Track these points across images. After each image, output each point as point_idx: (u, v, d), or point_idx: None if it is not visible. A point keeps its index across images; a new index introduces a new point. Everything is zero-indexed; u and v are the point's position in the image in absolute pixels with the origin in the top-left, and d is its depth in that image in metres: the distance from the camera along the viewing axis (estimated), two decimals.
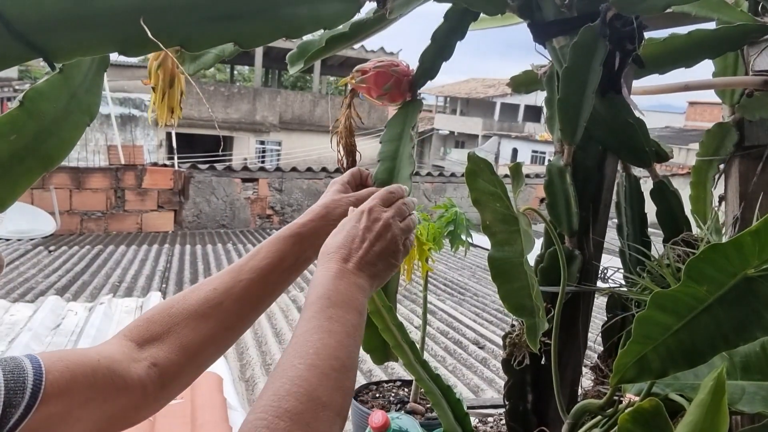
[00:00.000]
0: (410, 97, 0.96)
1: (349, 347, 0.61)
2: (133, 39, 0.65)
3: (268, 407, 0.51)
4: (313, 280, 0.67)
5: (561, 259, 0.86)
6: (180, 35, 0.67)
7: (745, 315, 0.60)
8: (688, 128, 18.72)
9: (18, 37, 0.60)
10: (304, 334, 0.60)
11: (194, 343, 0.70)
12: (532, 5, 0.92)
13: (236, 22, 0.71)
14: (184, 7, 0.67)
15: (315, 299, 0.63)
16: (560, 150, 0.97)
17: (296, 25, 0.75)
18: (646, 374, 0.66)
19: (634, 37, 0.90)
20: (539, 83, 1.05)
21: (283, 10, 0.73)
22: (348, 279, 0.66)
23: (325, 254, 0.69)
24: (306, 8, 0.75)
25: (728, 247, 0.57)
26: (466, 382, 3.55)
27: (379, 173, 0.90)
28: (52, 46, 0.63)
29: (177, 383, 0.71)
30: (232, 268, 0.76)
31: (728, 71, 1.19)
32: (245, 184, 9.16)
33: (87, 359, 0.62)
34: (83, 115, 0.81)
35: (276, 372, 0.56)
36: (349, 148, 0.96)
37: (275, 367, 0.58)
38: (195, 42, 0.69)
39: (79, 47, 0.65)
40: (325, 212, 0.79)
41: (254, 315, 0.77)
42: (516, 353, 1.03)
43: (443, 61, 0.96)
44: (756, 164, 1.14)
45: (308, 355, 0.57)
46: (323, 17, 0.77)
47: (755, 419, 0.82)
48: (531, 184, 10.21)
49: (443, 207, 1.75)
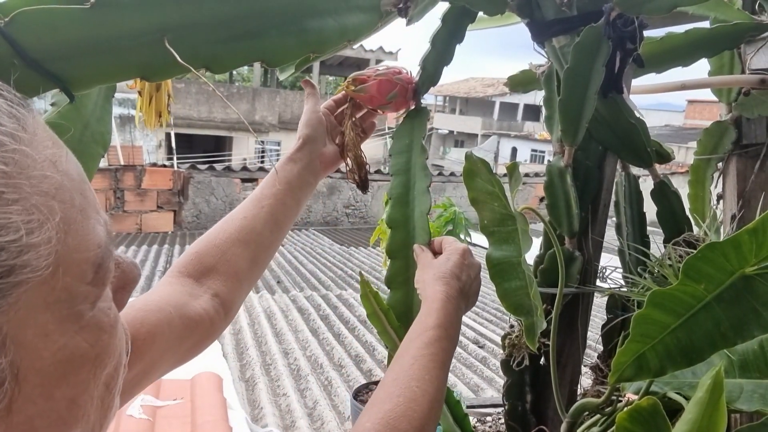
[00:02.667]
0: (414, 105, 0.95)
1: (446, 381, 0.66)
2: (157, 62, 0.62)
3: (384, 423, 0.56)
4: (433, 296, 0.73)
5: (560, 260, 0.87)
6: (205, 55, 0.64)
7: (743, 313, 0.60)
8: (687, 126, 18.73)
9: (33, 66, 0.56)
10: (422, 358, 0.64)
11: (243, 268, 0.76)
12: (532, 4, 0.92)
13: (262, 40, 0.68)
14: (208, 25, 0.64)
15: (436, 324, 0.68)
16: (560, 151, 0.97)
17: (324, 38, 0.73)
18: (645, 373, 0.66)
19: (635, 37, 0.90)
20: (537, 83, 1.05)
21: (309, 24, 0.71)
22: (457, 305, 0.74)
23: (441, 277, 0.75)
24: (332, 20, 0.74)
25: (726, 245, 0.57)
26: (466, 381, 3.55)
27: (394, 188, 0.89)
28: (71, 74, 0.59)
29: (236, 306, 0.76)
30: (253, 197, 0.82)
31: (724, 70, 1.19)
32: (245, 184, 9.16)
33: (163, 316, 0.64)
34: (97, 146, 0.79)
35: (394, 382, 0.61)
36: (359, 160, 0.93)
37: (393, 370, 0.62)
38: (221, 62, 0.66)
39: (99, 74, 0.61)
40: (307, 132, 0.87)
41: (282, 233, 0.84)
42: (515, 354, 1.03)
43: (445, 65, 0.95)
44: (754, 162, 1.15)
45: (424, 381, 0.61)
46: (349, 29, 0.76)
47: (753, 417, 0.82)
48: (530, 183, 10.21)
49: (442, 206, 1.75)
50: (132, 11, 0.59)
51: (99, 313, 0.35)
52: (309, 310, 4.83)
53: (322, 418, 2.99)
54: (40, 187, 0.31)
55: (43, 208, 0.31)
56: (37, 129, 0.33)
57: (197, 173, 8.86)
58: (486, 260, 0.87)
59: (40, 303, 0.31)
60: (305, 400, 3.25)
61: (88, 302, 0.34)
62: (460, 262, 0.79)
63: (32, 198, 0.30)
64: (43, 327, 0.31)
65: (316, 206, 9.73)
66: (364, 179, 0.94)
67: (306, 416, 3.01)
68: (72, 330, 0.33)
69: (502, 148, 25.99)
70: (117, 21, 0.59)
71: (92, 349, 0.35)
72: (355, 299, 5.15)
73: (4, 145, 0.30)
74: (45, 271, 0.31)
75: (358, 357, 3.87)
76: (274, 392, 3.34)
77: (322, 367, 3.69)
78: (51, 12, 0.56)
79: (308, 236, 8.79)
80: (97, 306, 0.35)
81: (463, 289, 0.77)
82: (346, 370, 3.66)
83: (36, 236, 0.30)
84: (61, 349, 0.32)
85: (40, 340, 0.31)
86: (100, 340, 0.35)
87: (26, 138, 0.32)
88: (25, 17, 0.55)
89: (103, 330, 0.35)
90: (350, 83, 0.91)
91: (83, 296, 0.34)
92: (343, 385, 3.40)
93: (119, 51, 0.60)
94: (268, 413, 3.00)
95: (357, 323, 4.55)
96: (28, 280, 0.30)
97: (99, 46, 0.59)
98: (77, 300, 0.33)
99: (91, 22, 0.57)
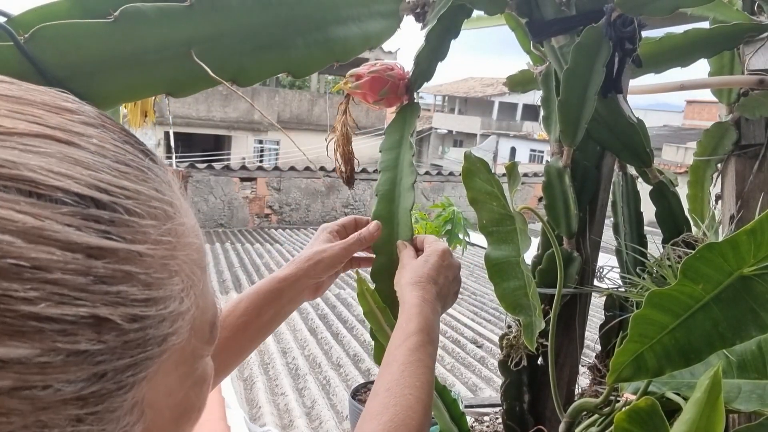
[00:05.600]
0: (408, 101, 0.94)
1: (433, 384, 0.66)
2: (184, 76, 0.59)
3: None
4: (411, 301, 0.71)
5: (558, 260, 0.87)
6: (232, 68, 0.62)
7: (741, 314, 0.60)
8: (686, 127, 18.73)
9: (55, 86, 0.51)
10: (411, 365, 0.64)
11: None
12: (531, 3, 0.91)
13: (289, 50, 0.67)
14: (235, 36, 0.62)
15: (417, 330, 0.67)
16: (558, 151, 0.97)
17: (348, 46, 0.73)
18: (643, 373, 0.66)
19: (634, 37, 0.90)
20: (536, 83, 1.05)
21: (334, 32, 0.70)
22: (434, 308, 0.72)
23: (417, 282, 0.73)
24: (356, 27, 0.73)
25: (724, 245, 0.57)
26: (464, 381, 3.55)
27: (380, 184, 0.88)
28: (96, 92, 0.56)
29: None
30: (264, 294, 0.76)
31: (725, 70, 1.19)
32: (243, 183, 9.16)
33: None
34: None
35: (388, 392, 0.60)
36: (347, 156, 0.93)
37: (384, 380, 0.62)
38: (248, 74, 0.64)
39: (125, 91, 0.59)
40: (307, 266, 0.77)
41: (237, 362, 0.77)
42: (513, 354, 1.03)
43: (439, 61, 0.95)
44: (752, 163, 1.15)
45: (416, 388, 0.61)
46: (372, 35, 0.75)
47: (751, 417, 0.82)
48: (529, 183, 10.21)
49: (441, 206, 1.75)
50: (157, 24, 0.57)
51: (206, 367, 0.36)
52: (307, 310, 4.83)
53: (320, 418, 2.99)
54: (190, 256, 0.31)
55: (191, 275, 0.31)
56: (177, 191, 0.33)
57: (196, 172, 8.86)
58: (485, 260, 0.86)
59: (172, 366, 0.31)
60: (303, 399, 3.25)
61: (202, 359, 0.35)
62: (438, 264, 0.76)
63: (185, 267, 0.31)
64: (169, 387, 0.32)
65: (315, 205, 9.73)
66: (350, 175, 0.94)
67: (304, 415, 3.01)
68: (187, 385, 0.34)
69: (501, 148, 25.99)
70: (142, 34, 0.56)
71: (198, 401, 0.36)
72: (353, 299, 5.15)
73: (170, 217, 0.30)
74: (185, 336, 0.31)
75: (356, 356, 3.87)
76: (273, 391, 3.34)
77: (321, 366, 3.69)
78: (74, 27, 0.53)
79: (307, 235, 8.79)
80: (204, 360, 0.36)
81: (440, 293, 0.75)
82: (344, 370, 3.66)
83: (185, 304, 0.30)
84: (178, 405, 0.33)
85: (164, 399, 0.32)
86: (203, 392, 0.36)
87: (179, 205, 0.32)
88: (47, 33, 0.52)
89: (206, 382, 0.36)
90: (348, 80, 0.91)
91: (200, 355, 0.35)
92: (341, 384, 3.40)
93: (145, 66, 0.58)
94: (267, 412, 3.00)
95: (355, 323, 4.55)
96: (174, 347, 0.30)
97: (124, 62, 0.56)
98: (197, 359, 0.34)
99: (116, 37, 0.55)
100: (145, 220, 0.29)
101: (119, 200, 0.28)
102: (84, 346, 0.25)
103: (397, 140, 0.91)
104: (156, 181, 0.31)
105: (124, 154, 0.30)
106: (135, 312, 0.27)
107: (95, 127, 0.30)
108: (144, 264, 0.28)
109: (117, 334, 0.26)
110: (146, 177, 0.30)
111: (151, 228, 0.29)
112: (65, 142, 0.28)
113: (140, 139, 0.34)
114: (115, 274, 0.26)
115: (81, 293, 0.25)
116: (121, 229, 0.27)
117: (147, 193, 0.30)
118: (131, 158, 0.31)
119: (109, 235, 0.27)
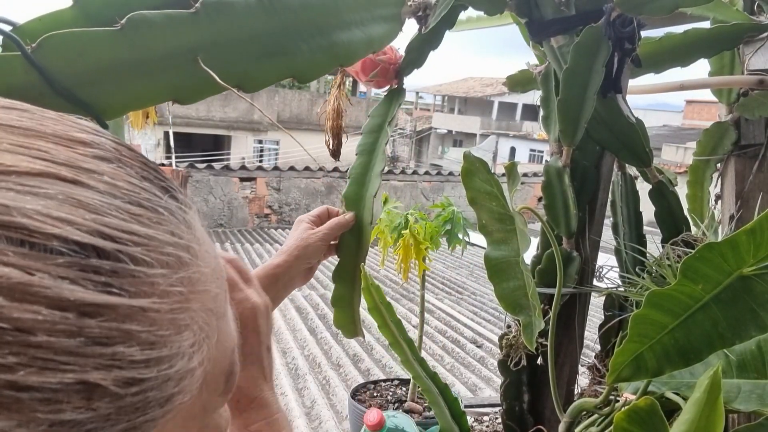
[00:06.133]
0: (396, 85, 0.96)
1: None
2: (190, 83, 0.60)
3: None
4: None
5: (558, 260, 0.87)
6: (237, 74, 0.62)
7: (740, 314, 0.60)
8: (685, 127, 18.75)
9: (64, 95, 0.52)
10: None
11: None
12: (530, 3, 0.91)
13: (294, 56, 0.67)
14: (240, 43, 0.62)
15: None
16: (558, 151, 0.97)
17: (352, 50, 0.73)
18: (642, 373, 0.66)
19: (633, 37, 0.90)
20: (535, 82, 1.05)
21: (338, 36, 0.71)
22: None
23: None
24: (359, 32, 0.73)
25: (724, 245, 0.57)
26: (464, 381, 3.55)
27: (354, 168, 0.91)
28: (103, 101, 0.56)
29: None
30: None
31: (725, 70, 1.19)
32: (243, 183, 9.16)
33: None
34: None
35: None
36: (336, 130, 0.97)
37: None
38: (253, 80, 0.64)
39: (132, 99, 0.58)
40: (297, 252, 0.81)
41: None
42: (512, 354, 1.03)
43: (431, 50, 0.95)
44: (752, 163, 1.15)
45: None
46: (375, 39, 0.76)
47: (751, 417, 0.82)
48: (529, 183, 10.21)
49: (440, 206, 1.75)
50: (163, 31, 0.57)
51: (219, 420, 0.34)
52: (307, 309, 4.83)
53: (320, 418, 2.99)
54: (205, 304, 0.28)
55: (205, 327, 0.28)
56: (198, 231, 0.30)
57: (196, 172, 8.86)
58: (484, 260, 0.87)
59: (179, 423, 0.28)
60: (303, 399, 3.25)
61: (215, 411, 0.33)
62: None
63: (198, 319, 0.27)
64: None
65: (315, 205, 9.72)
66: (336, 149, 0.99)
67: (304, 415, 3.01)
68: None
69: (500, 148, 25.99)
70: (148, 42, 0.56)
71: None
72: None
73: (184, 264, 0.27)
74: (195, 393, 0.28)
75: (356, 356, 3.87)
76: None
77: (320, 366, 3.69)
78: (80, 35, 0.53)
79: None
80: (217, 412, 0.33)
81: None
82: (344, 370, 3.66)
83: (195, 360, 0.27)
84: None
85: None
86: None
87: (197, 250, 0.29)
88: (54, 42, 0.52)
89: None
90: None
91: (213, 407, 0.32)
92: (341, 384, 3.40)
93: (152, 73, 0.57)
94: None
95: None
96: (180, 406, 0.27)
97: (131, 69, 0.56)
98: (208, 412, 0.32)
99: (123, 45, 0.55)
100: (154, 269, 0.25)
101: (126, 247, 0.25)
102: (69, 415, 0.22)
103: (378, 124, 0.93)
104: (173, 223, 0.28)
105: (138, 193, 0.27)
106: (132, 375, 0.24)
107: (110, 161, 0.27)
108: (147, 320, 0.24)
109: (110, 400, 0.23)
110: (161, 219, 0.27)
111: (160, 278, 0.26)
112: (71, 181, 0.25)
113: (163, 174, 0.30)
114: (111, 334, 0.23)
115: (69, 357, 0.22)
116: (123, 281, 0.24)
117: (160, 238, 0.26)
118: (147, 197, 0.27)
119: (108, 289, 0.24)
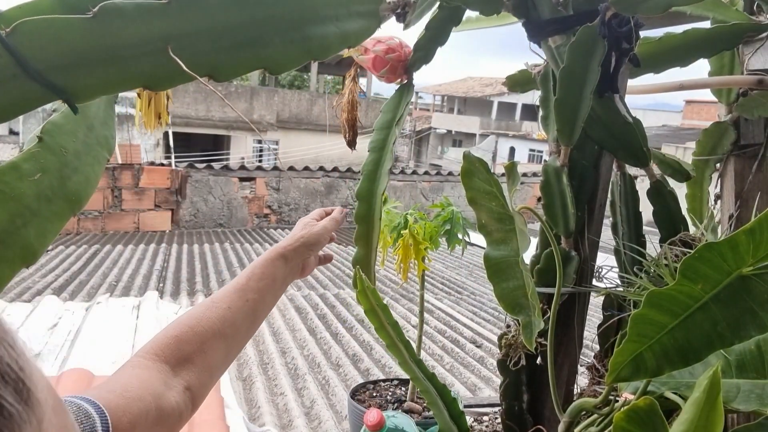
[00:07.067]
0: (406, 80, 1.00)
1: None
2: (161, 71, 0.61)
3: None
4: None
5: (557, 260, 0.86)
6: (208, 64, 0.64)
7: (740, 313, 0.60)
8: (685, 127, 18.73)
9: (36, 78, 0.55)
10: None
11: (217, 362, 0.73)
12: (528, 4, 0.92)
13: (266, 48, 0.68)
14: (211, 33, 0.63)
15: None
16: (556, 150, 0.97)
17: (326, 45, 0.73)
18: (642, 373, 0.66)
19: (631, 37, 0.90)
20: (535, 82, 1.05)
21: (311, 31, 0.71)
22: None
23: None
24: (334, 27, 0.74)
25: (723, 245, 0.57)
26: (463, 381, 3.55)
27: (367, 164, 0.95)
28: (74, 85, 0.58)
29: (203, 398, 0.73)
30: (238, 287, 0.79)
31: (725, 70, 1.19)
32: (242, 183, 9.15)
33: (143, 405, 0.61)
34: (102, 149, 0.78)
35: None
36: (352, 121, 1.02)
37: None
38: (224, 71, 0.65)
39: (103, 84, 0.60)
40: (303, 239, 0.87)
41: (254, 331, 0.83)
42: (512, 354, 1.03)
43: (438, 45, 0.98)
44: (751, 163, 1.15)
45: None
46: (350, 35, 0.77)
47: (750, 417, 0.82)
48: (528, 183, 10.21)
49: (440, 206, 1.75)
50: (134, 20, 0.59)
51: None
52: (306, 309, 4.83)
53: (319, 417, 2.98)
54: None
55: None
56: None
57: (195, 172, 8.85)
58: (484, 260, 0.87)
59: None
60: (302, 399, 3.24)
61: None
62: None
63: None
64: None
65: (315, 205, 9.72)
66: (352, 139, 1.04)
67: (303, 415, 3.01)
68: None
69: (500, 148, 25.98)
70: (119, 30, 0.58)
71: None
72: (352, 298, 5.15)
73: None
74: None
75: (355, 356, 3.87)
76: (272, 391, 3.34)
77: (320, 366, 3.69)
78: (54, 22, 0.55)
79: None
80: None
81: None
82: (343, 370, 3.65)
83: None
84: None
85: None
86: None
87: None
88: (28, 27, 0.54)
89: None
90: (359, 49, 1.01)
91: None
92: (340, 384, 3.40)
93: (122, 61, 0.59)
94: (266, 412, 3.00)
95: (354, 322, 4.55)
96: None
97: (102, 56, 0.58)
98: None
99: (94, 32, 0.56)
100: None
101: None
102: None
103: (388, 120, 0.97)
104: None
105: None
106: None
107: None
108: None
109: None
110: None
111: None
112: None
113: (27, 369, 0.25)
114: None
115: None
116: None
117: None
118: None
119: None
